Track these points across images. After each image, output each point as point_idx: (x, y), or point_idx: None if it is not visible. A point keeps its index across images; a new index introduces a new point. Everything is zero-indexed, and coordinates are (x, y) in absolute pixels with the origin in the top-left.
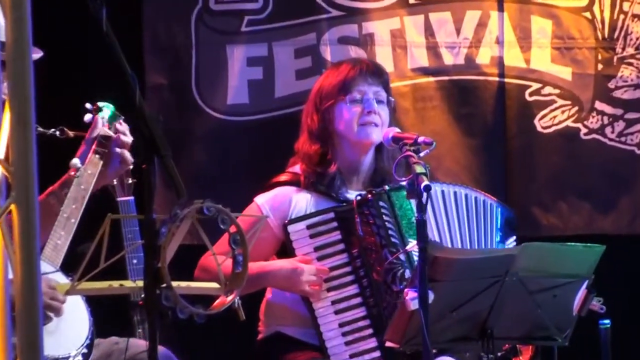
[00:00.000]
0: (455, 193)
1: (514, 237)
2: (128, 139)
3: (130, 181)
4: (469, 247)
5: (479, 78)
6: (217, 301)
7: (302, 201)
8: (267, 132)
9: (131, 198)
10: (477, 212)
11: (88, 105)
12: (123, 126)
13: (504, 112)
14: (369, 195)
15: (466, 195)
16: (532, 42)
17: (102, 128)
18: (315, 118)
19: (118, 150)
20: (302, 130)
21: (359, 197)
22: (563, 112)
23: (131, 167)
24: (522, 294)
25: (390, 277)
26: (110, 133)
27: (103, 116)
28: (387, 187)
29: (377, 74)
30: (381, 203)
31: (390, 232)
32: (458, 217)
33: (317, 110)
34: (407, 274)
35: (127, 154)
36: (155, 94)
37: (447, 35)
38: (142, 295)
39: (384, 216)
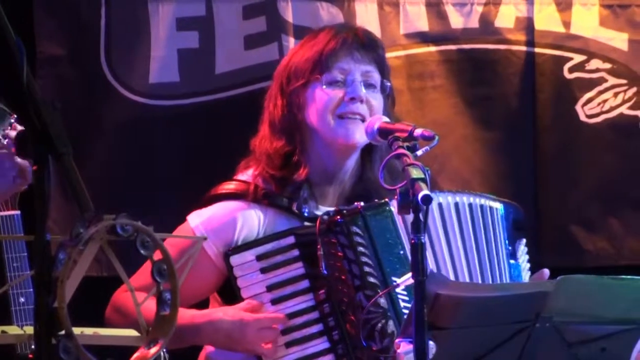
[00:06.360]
0: (456, 205)
1: (524, 241)
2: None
3: None
4: (480, 280)
5: (500, 47)
6: (136, 355)
7: (252, 220)
8: (204, 121)
9: (16, 212)
10: (485, 227)
11: None
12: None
13: (533, 94)
14: (338, 217)
15: (470, 206)
16: None
17: None
18: (280, 103)
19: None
20: (262, 119)
21: (325, 218)
22: (616, 94)
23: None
24: (558, 346)
25: (367, 332)
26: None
27: None
28: (362, 204)
29: (368, 47)
30: (354, 228)
31: (366, 268)
32: (463, 239)
33: (283, 93)
34: (391, 326)
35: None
36: (49, 69)
37: None
38: (32, 347)
39: (358, 246)
